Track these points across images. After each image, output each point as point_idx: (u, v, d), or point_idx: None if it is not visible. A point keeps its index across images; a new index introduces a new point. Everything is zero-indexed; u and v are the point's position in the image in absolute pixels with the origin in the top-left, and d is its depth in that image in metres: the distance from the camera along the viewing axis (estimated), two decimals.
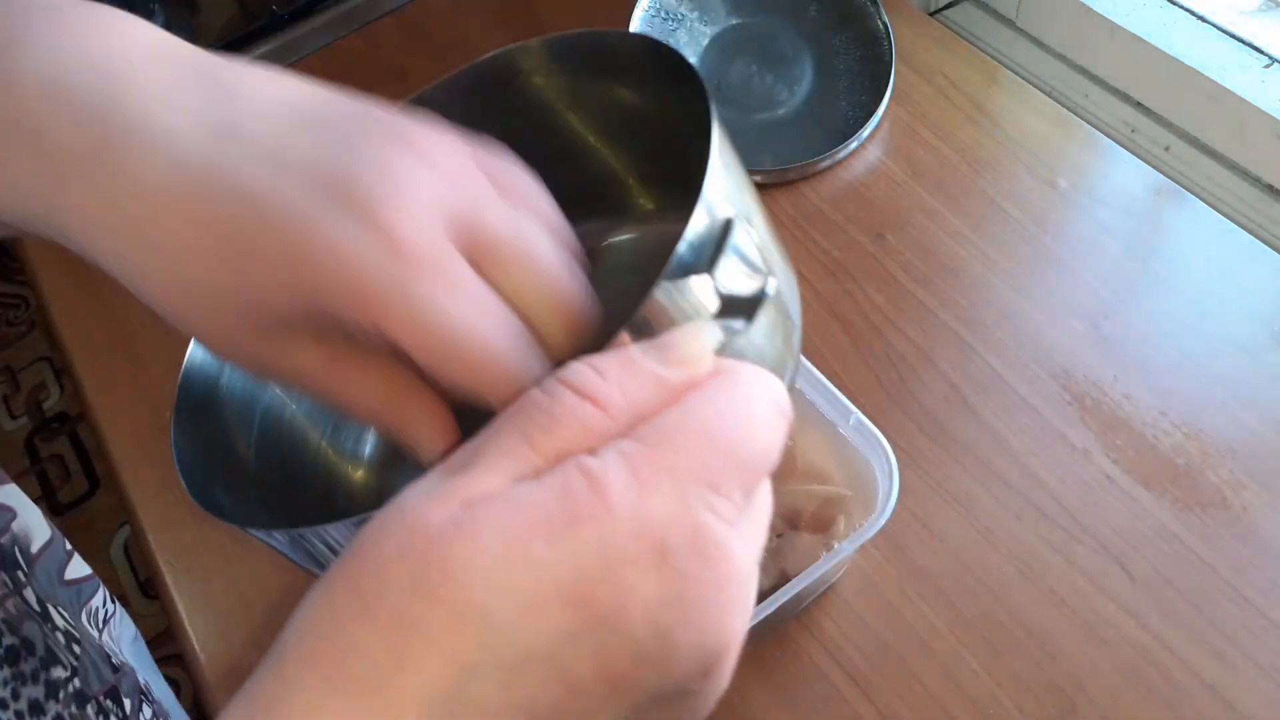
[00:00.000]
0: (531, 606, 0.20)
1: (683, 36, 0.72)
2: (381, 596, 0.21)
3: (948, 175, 0.66)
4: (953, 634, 0.49)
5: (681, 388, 0.23)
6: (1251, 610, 0.48)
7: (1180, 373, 0.56)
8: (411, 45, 0.82)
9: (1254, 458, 0.53)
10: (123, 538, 1.60)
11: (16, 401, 1.82)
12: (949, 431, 0.55)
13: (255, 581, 0.56)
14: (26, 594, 0.45)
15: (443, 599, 0.20)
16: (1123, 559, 0.50)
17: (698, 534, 0.21)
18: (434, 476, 0.23)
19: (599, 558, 0.21)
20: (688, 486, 0.21)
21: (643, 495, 0.21)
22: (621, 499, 0.21)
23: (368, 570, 0.21)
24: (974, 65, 0.72)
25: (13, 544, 0.46)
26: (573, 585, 0.21)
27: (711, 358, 0.24)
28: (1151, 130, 0.70)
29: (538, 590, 0.20)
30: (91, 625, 0.51)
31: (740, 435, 0.23)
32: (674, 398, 0.23)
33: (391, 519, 0.22)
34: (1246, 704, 0.46)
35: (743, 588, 0.22)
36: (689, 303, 0.25)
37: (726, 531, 0.22)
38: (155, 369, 0.65)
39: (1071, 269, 0.61)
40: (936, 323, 0.60)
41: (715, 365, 0.24)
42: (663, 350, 0.24)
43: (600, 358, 0.23)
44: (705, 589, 0.21)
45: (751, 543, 0.23)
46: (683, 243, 0.26)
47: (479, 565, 0.20)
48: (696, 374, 0.24)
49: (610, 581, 0.21)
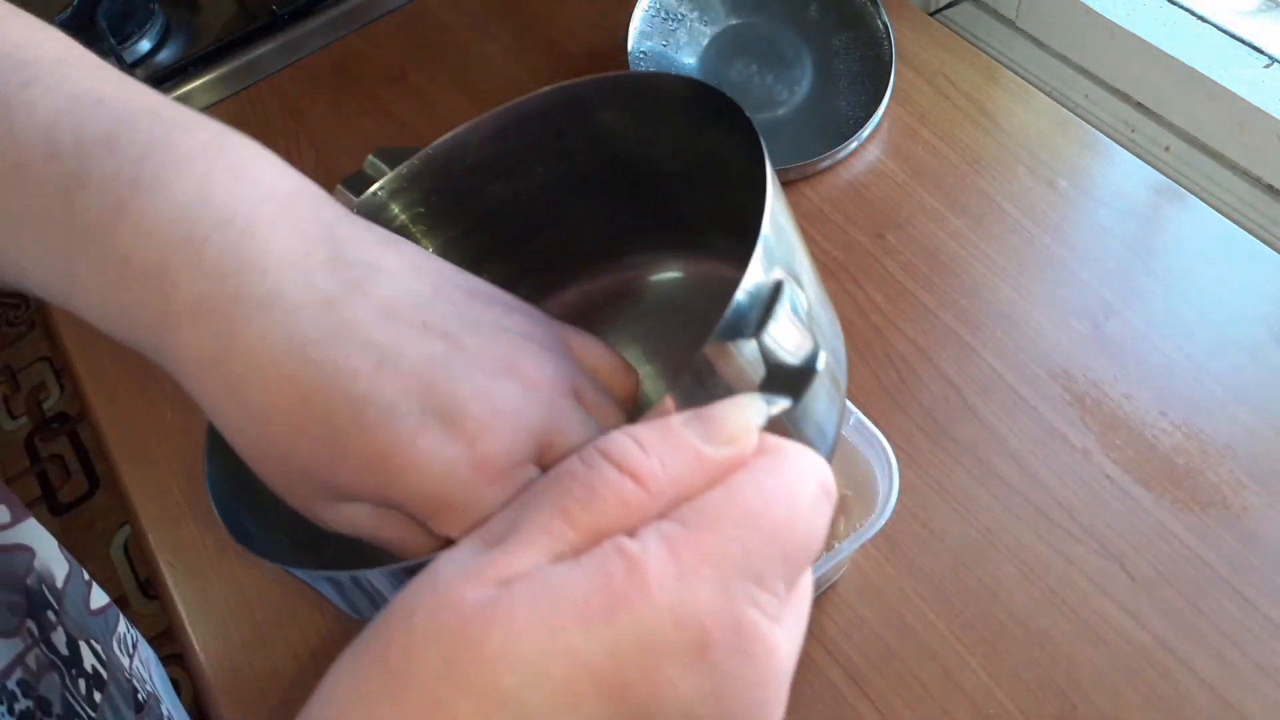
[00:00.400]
0: (565, 697, 0.20)
1: (683, 36, 0.72)
2: (410, 676, 0.20)
3: (948, 175, 0.66)
4: (953, 634, 0.49)
5: (725, 466, 0.22)
6: (1251, 610, 0.48)
7: (1180, 373, 0.56)
8: (411, 45, 0.82)
9: (1254, 458, 0.53)
10: (123, 538, 1.60)
11: (16, 401, 1.82)
12: (949, 431, 0.55)
13: (255, 582, 0.56)
14: (55, 637, 0.44)
15: (474, 685, 0.20)
16: (1123, 559, 0.50)
17: (739, 629, 0.21)
18: (469, 547, 0.22)
19: (637, 648, 0.20)
20: (730, 577, 0.21)
21: (683, 583, 0.20)
22: (661, 586, 0.20)
23: (396, 646, 0.21)
24: (974, 65, 0.72)
25: (39, 583, 0.45)
26: (609, 677, 0.20)
27: (757, 434, 0.23)
28: (1151, 130, 0.70)
29: (572, 680, 0.20)
30: (122, 653, 0.50)
31: (786, 522, 0.22)
32: (717, 476, 0.22)
33: (424, 592, 0.21)
34: (1246, 704, 0.46)
35: (782, 684, 0.22)
36: (736, 368, 0.25)
37: (769, 627, 0.21)
38: (155, 369, 0.65)
39: (1071, 269, 0.61)
40: (936, 323, 0.60)
41: (760, 442, 0.23)
42: (707, 425, 0.23)
43: (641, 429, 0.23)
44: (745, 688, 0.21)
45: (793, 637, 0.22)
46: (732, 306, 0.25)
47: (513, 652, 0.20)
48: (741, 452, 0.23)
49: (647, 675, 0.20)
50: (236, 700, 0.52)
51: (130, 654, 0.51)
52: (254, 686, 0.52)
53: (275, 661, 0.53)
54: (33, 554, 0.46)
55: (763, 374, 0.25)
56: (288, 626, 0.54)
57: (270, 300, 0.25)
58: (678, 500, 0.22)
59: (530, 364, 0.27)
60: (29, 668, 0.42)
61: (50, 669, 0.43)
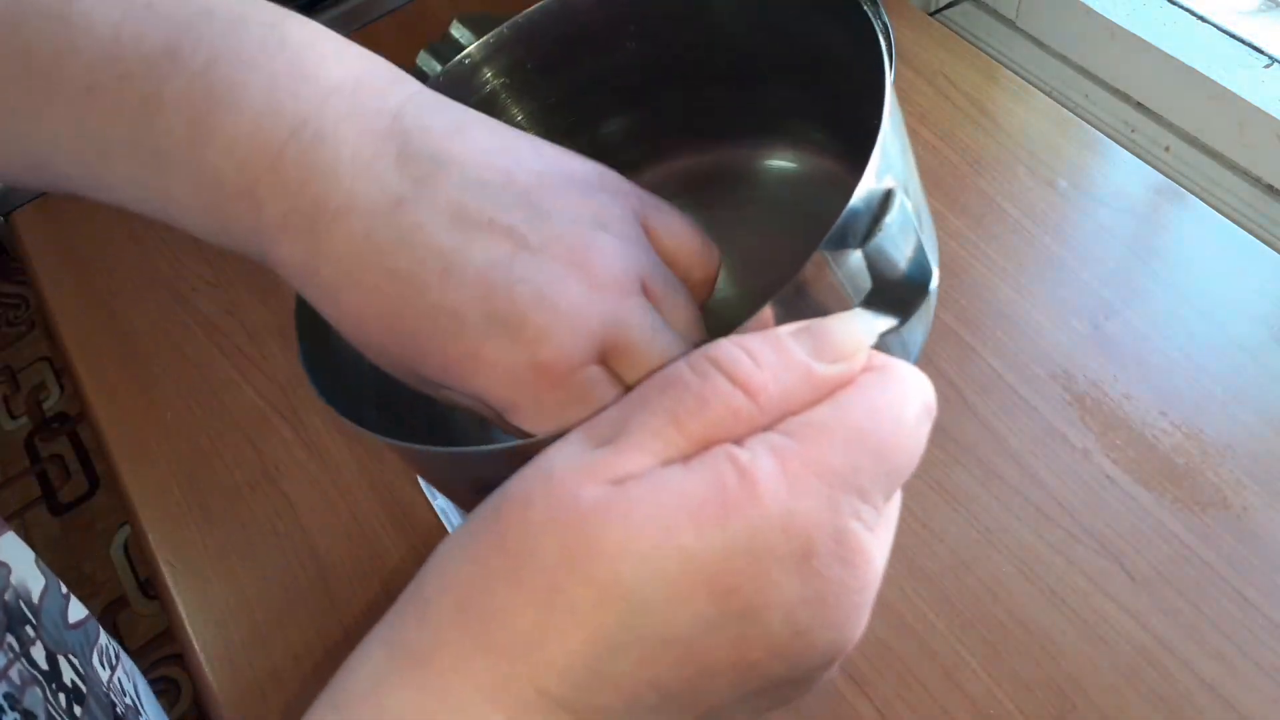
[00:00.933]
0: (678, 594, 0.21)
1: None
2: (529, 563, 0.21)
3: (948, 175, 0.66)
4: (953, 634, 0.49)
5: (833, 382, 0.23)
6: (1251, 610, 0.48)
7: (1180, 373, 0.56)
8: (412, 45, 0.82)
9: (1254, 458, 0.53)
10: (123, 538, 1.60)
11: (16, 401, 1.82)
12: (949, 431, 0.55)
13: (255, 581, 0.56)
14: (34, 652, 0.44)
15: (593, 577, 0.21)
16: (1123, 559, 0.50)
17: (843, 539, 0.22)
18: (577, 443, 0.23)
19: (746, 553, 0.21)
20: (836, 490, 0.22)
21: (792, 494, 0.21)
22: (772, 496, 0.21)
23: (514, 533, 0.22)
24: (974, 65, 0.72)
25: (16, 599, 0.45)
26: (719, 577, 0.21)
27: (866, 352, 0.24)
28: (1151, 130, 0.70)
29: (685, 578, 0.21)
30: (104, 666, 0.50)
31: (891, 440, 0.23)
32: (824, 391, 0.23)
33: (536, 484, 0.22)
34: (1246, 704, 0.46)
35: (874, 591, 0.23)
36: (842, 278, 0.25)
37: (868, 538, 0.22)
38: (155, 369, 0.65)
39: (1071, 269, 0.61)
40: (937, 323, 0.60)
41: (868, 359, 0.24)
42: (817, 340, 0.23)
43: (752, 340, 0.23)
44: (844, 593, 0.22)
45: (886, 546, 0.24)
46: (846, 211, 0.24)
47: (631, 549, 0.21)
48: (850, 369, 0.23)
49: (755, 576, 0.21)
50: (236, 700, 0.52)
51: (111, 667, 0.51)
52: (254, 686, 0.52)
53: (275, 661, 0.53)
54: (9, 569, 0.46)
55: (869, 286, 0.25)
56: (288, 626, 0.54)
57: (346, 207, 0.27)
58: (785, 413, 0.23)
59: (597, 259, 0.27)
60: (13, 681, 0.42)
61: (33, 683, 0.43)
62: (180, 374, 0.65)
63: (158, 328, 0.67)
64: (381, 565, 0.55)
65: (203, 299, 0.68)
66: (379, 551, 0.55)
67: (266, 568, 0.56)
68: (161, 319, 0.67)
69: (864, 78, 0.29)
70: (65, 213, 0.75)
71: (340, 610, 0.54)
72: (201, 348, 0.66)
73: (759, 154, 0.43)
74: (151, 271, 0.70)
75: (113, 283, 0.70)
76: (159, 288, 0.69)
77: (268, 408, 0.62)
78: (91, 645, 0.50)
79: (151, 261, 0.71)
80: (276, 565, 0.56)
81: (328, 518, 0.57)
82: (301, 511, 0.58)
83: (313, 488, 0.58)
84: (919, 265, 0.26)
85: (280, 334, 0.66)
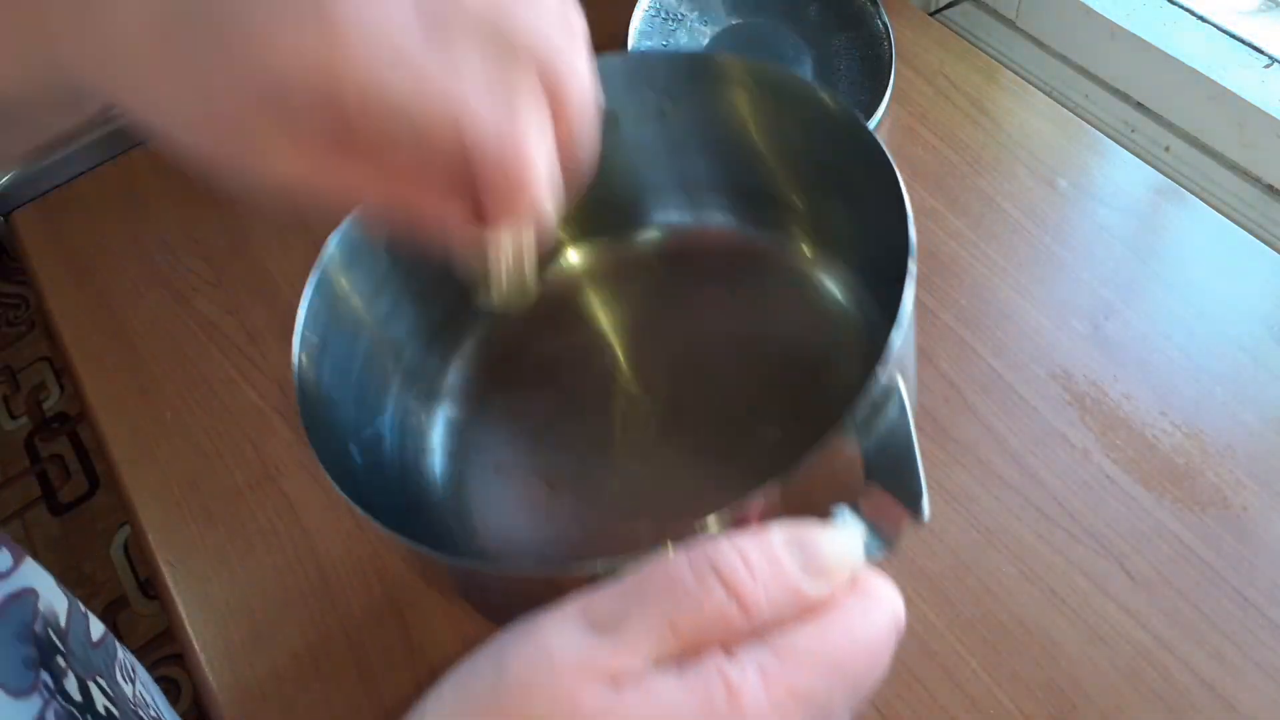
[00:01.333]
0: None
1: (682, 37, 0.72)
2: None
3: (948, 175, 0.66)
4: (953, 634, 0.49)
5: (817, 601, 0.25)
6: (1251, 610, 0.48)
7: (1180, 373, 0.56)
8: None
9: (1254, 458, 0.53)
10: (123, 538, 1.60)
11: (16, 401, 1.82)
12: (949, 431, 0.55)
13: (255, 581, 0.56)
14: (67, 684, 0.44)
15: None
16: (1123, 559, 0.50)
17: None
18: (574, 620, 0.24)
19: None
20: (813, 713, 0.23)
21: (773, 716, 0.23)
22: (755, 717, 0.22)
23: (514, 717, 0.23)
24: (974, 65, 0.72)
25: (45, 629, 0.45)
26: None
27: (851, 572, 0.25)
28: (1151, 130, 0.70)
29: None
30: (126, 680, 0.50)
31: (865, 669, 0.24)
32: (808, 607, 0.24)
33: (539, 672, 0.23)
34: (1246, 704, 0.46)
35: None
36: (843, 476, 0.26)
37: None
38: (155, 369, 0.65)
39: (1071, 269, 0.61)
40: (936, 323, 0.60)
41: (852, 577, 0.26)
42: (809, 555, 0.25)
43: (749, 547, 0.24)
44: None
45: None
46: (849, 414, 0.26)
47: None
48: (835, 587, 0.25)
49: None
50: (236, 700, 0.52)
51: (131, 680, 0.51)
52: (254, 686, 0.52)
53: (275, 661, 0.53)
54: (36, 596, 0.45)
55: (864, 478, 0.27)
56: (288, 626, 0.54)
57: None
58: (771, 622, 0.24)
59: None
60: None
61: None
62: (180, 374, 0.65)
63: (158, 328, 0.67)
64: (381, 565, 0.55)
65: (203, 299, 0.68)
66: (379, 551, 0.55)
67: (266, 568, 0.56)
68: (161, 319, 0.67)
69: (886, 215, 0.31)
70: (65, 213, 0.75)
71: (340, 610, 0.54)
72: (201, 348, 0.66)
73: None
74: (151, 271, 0.70)
75: (113, 283, 0.70)
76: (159, 288, 0.69)
77: (268, 408, 0.62)
78: (113, 661, 0.50)
79: (151, 261, 0.71)
80: (276, 565, 0.56)
81: (328, 518, 0.57)
82: (301, 511, 0.58)
83: (313, 488, 0.58)
84: (915, 493, 0.28)
85: (280, 334, 0.66)
